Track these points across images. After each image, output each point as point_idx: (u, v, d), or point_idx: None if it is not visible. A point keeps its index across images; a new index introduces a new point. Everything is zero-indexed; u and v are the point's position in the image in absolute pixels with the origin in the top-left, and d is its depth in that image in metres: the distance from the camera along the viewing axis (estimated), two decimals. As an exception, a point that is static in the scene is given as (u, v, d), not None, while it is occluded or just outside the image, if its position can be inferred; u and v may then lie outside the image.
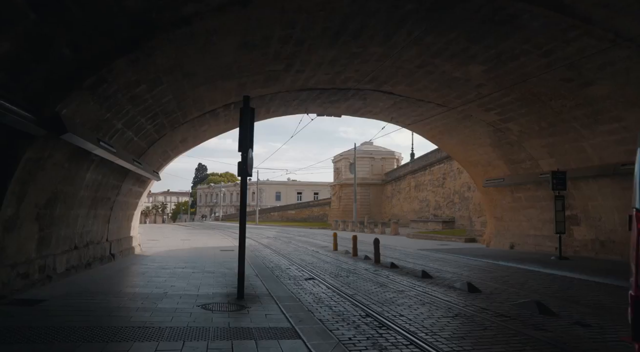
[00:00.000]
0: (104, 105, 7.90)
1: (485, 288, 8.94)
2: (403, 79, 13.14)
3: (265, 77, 11.84)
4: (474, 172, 19.94)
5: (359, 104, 16.48)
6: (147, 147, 12.78)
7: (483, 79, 12.19)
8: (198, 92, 11.04)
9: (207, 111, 13.25)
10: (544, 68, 10.65)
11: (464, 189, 33.80)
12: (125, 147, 10.91)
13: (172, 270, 11.18)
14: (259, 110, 16.19)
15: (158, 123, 11.56)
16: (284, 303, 7.21)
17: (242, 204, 7.91)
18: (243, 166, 7.90)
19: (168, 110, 11.02)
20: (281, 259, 14.92)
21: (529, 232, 17.41)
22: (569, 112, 12.46)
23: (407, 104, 15.82)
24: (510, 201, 18.22)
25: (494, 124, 15.41)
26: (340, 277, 10.72)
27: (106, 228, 12.25)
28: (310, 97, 15.22)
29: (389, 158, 54.59)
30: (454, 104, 14.67)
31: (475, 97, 13.49)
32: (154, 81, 8.70)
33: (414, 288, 8.98)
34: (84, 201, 9.88)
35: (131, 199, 14.68)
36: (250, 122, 8.05)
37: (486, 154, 17.78)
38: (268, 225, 58.34)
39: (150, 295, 7.61)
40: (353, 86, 14.08)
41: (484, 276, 11.03)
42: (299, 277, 10.64)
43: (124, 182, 12.68)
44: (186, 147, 16.88)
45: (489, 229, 20.43)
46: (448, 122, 16.89)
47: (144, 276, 10.01)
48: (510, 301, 7.64)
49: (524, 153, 15.93)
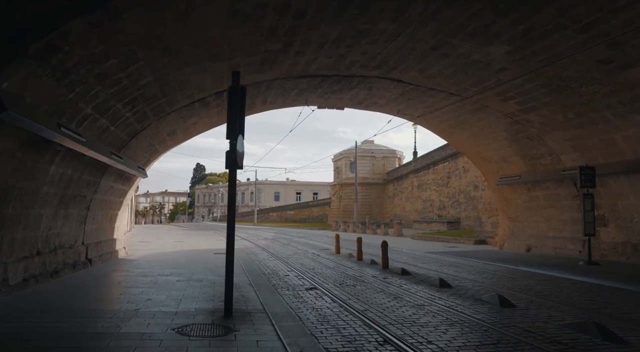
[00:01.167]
0: (62, 82, 6.53)
1: (518, 301, 7.58)
2: (414, 64, 11.78)
3: (261, 59, 10.48)
4: (486, 169, 18.59)
5: (364, 94, 15.12)
6: (128, 139, 11.40)
7: (506, 62, 10.83)
8: (184, 75, 9.66)
9: (196, 100, 11.88)
10: (579, 47, 9.30)
11: (470, 188, 32.47)
12: (100, 138, 9.54)
13: (154, 278, 9.81)
14: (255, 101, 14.87)
15: (139, 111, 10.19)
16: (281, 323, 5.86)
17: (230, 202, 6.55)
18: (232, 156, 6.55)
19: (149, 95, 9.65)
20: (279, 264, 13.55)
21: (548, 234, 16.06)
22: (602, 100, 11.11)
23: (416, 94, 14.46)
24: (527, 200, 16.88)
25: (512, 116, 14.06)
26: (346, 286, 9.35)
27: (81, 230, 10.87)
28: (310, 86, 13.86)
29: (391, 157, 53.22)
30: (469, 92, 13.32)
31: (494, 83, 12.13)
32: (127, 57, 7.33)
33: (435, 301, 7.62)
34: (50, 199, 8.50)
35: (113, 197, 13.31)
36: (240, 104, 6.71)
37: (501, 149, 16.43)
38: (266, 225, 56.96)
39: (117, 313, 6.25)
40: (358, 73, 12.72)
41: (510, 284, 9.67)
42: (298, 287, 9.29)
43: (102, 178, 11.31)
44: (176, 142, 15.50)
45: (502, 230, 19.08)
46: (460, 114, 15.53)
47: (118, 286, 8.63)
48: (557, 320, 6.28)
49: (544, 148, 14.58)
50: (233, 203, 6.55)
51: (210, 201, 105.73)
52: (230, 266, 6.39)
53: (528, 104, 12.86)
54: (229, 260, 6.38)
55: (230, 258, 6.38)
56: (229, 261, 6.37)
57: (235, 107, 6.62)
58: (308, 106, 16.60)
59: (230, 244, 6.49)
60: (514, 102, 13.11)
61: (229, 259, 6.37)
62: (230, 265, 6.36)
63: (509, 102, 13.21)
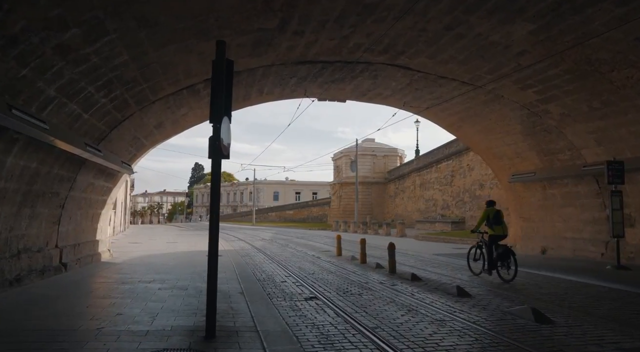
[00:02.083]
0: (9, 52, 5.39)
1: (554, 315, 6.44)
2: (425, 47, 10.65)
3: (255, 39, 9.35)
4: (497, 166, 17.46)
5: (368, 84, 13.99)
6: (108, 130, 10.27)
7: (528, 44, 9.70)
8: (166, 55, 8.52)
9: (183, 87, 10.75)
10: (616, 22, 8.17)
11: (475, 187, 31.38)
12: (71, 127, 8.41)
13: (134, 285, 8.68)
14: (250, 92, 13.75)
15: (117, 97, 9.05)
16: (275, 347, 4.74)
17: (213, 197, 5.42)
18: (215, 143, 5.42)
19: (127, 78, 8.52)
20: (276, 268, 12.41)
21: (565, 235, 14.93)
22: (635, 86, 9.99)
23: (425, 83, 13.33)
24: (542, 199, 15.75)
25: (530, 106, 12.93)
26: (350, 295, 8.22)
27: (54, 231, 9.73)
28: (310, 74, 12.73)
29: (392, 155, 52.09)
30: (483, 80, 12.18)
31: (512, 69, 11.00)
32: (93, 27, 6.19)
33: (456, 315, 6.49)
34: (9, 196, 7.36)
35: (95, 195, 12.17)
36: (226, 79, 5.58)
37: (514, 143, 15.30)
38: (265, 226, 55.82)
39: (74, 333, 5.11)
40: (363, 58, 11.59)
41: (536, 293, 8.54)
42: (297, 296, 8.15)
43: (79, 173, 10.17)
44: (164, 135, 14.35)
45: (513, 230, 17.91)
46: (471, 105, 14.41)
47: (87, 297, 7.49)
48: (611, 342, 5.15)
49: (563, 141, 13.45)
50: (217, 199, 5.42)
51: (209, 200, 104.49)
52: (213, 279, 5.27)
53: (548, 92, 11.73)
54: (212, 272, 5.25)
55: (214, 269, 5.26)
56: (212, 272, 5.25)
57: (219, 84, 5.49)
58: (308, 98, 15.48)
59: (213, 252, 5.36)
60: (532, 90, 11.98)
61: (212, 271, 5.25)
62: (213, 277, 5.23)
63: (527, 91, 12.08)
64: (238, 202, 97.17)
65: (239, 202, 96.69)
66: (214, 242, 5.33)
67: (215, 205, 5.37)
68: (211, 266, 5.26)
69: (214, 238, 5.36)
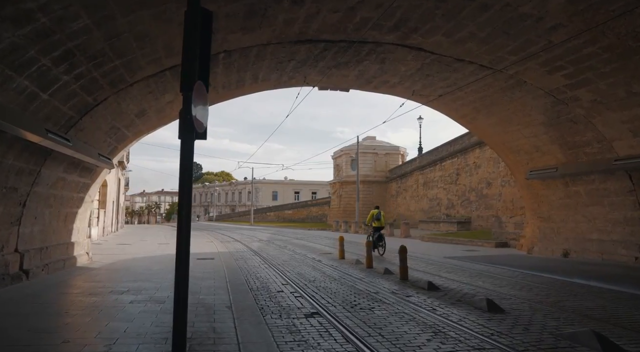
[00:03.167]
0: None
1: (620, 340, 5.09)
2: (442, 23, 9.30)
3: (246, 9, 7.99)
4: (513, 161, 16.10)
5: (374, 70, 12.63)
6: (77, 116, 8.90)
7: (564, 15, 8.35)
8: (140, 23, 7.15)
9: (166, 67, 9.38)
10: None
11: (482, 185, 30.03)
12: (25, 108, 7.04)
13: (102, 297, 7.32)
14: (244, 77, 12.39)
15: (83, 74, 7.68)
16: (263, 398, 3.38)
17: (183, 190, 4.05)
18: (187, 117, 4.06)
19: (93, 50, 7.15)
20: (272, 274, 11.05)
21: (591, 237, 13.59)
22: (687, 65, 8.65)
23: (437, 68, 11.99)
24: (563, 197, 14.41)
25: (556, 93, 11.58)
26: (360, 310, 6.86)
27: (12, 233, 8.35)
28: (310, 57, 11.38)
29: (394, 153, 50.68)
30: (504, 63, 10.83)
31: (541, 48, 9.64)
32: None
33: (495, 340, 5.13)
34: (-58, 190, 6.00)
35: (68, 192, 10.80)
36: (203, 35, 4.23)
37: (535, 136, 13.95)
38: (263, 226, 54.42)
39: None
40: (370, 37, 10.26)
41: (579, 308, 7.17)
42: (295, 311, 6.79)
43: (43, 166, 8.81)
44: (149, 126, 12.95)
45: (530, 231, 16.60)
46: (488, 93, 13.06)
47: (36, 315, 6.08)
48: None
49: (592, 133, 12.10)
50: (188, 191, 4.05)
51: (207, 200, 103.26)
52: (180, 306, 3.88)
53: (580, 75, 10.38)
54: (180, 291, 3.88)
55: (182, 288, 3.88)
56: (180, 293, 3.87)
57: (192, 39, 4.13)
58: (307, 86, 14.11)
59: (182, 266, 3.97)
60: (561, 74, 10.62)
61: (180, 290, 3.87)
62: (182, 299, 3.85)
63: (555, 74, 10.72)
64: (236, 201, 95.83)
65: (237, 201, 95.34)
66: (184, 251, 3.94)
67: (186, 198, 4.01)
68: (180, 284, 3.88)
69: (183, 245, 3.97)
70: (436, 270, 11.97)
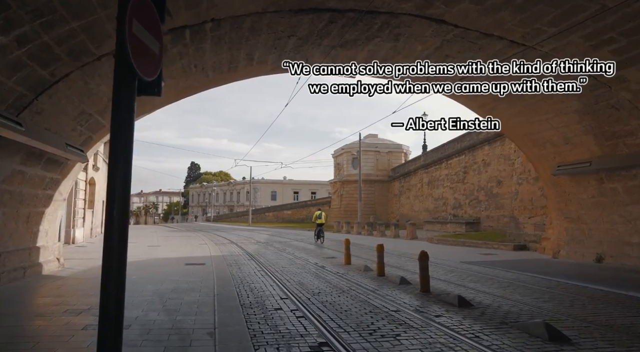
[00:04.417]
0: None
1: None
2: (472, -15, 7.73)
3: (235, -42, 6.41)
4: (537, 155, 14.53)
5: (386, 50, 11.03)
6: (30, 94, 7.30)
7: (628, -31, 6.79)
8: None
9: (141, 38, 7.78)
10: None
11: (492, 184, 28.49)
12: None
13: (50, 320, 5.73)
14: (237, 56, 10.82)
15: (28, 38, 6.08)
16: None
17: (113, 158, 2.48)
18: (123, 56, 2.47)
19: (36, 3, 5.55)
20: (269, 285, 9.44)
21: (631, 240, 12.01)
22: None
23: (459, 46, 10.41)
24: (596, 195, 12.84)
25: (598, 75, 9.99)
26: (381, 338, 5.26)
27: (-53, 237, 6.76)
28: (314, 33, 9.81)
29: (396, 152, 49.11)
30: (541, 37, 9.27)
31: (589, 16, 8.07)
32: None
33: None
34: None
35: (29, 188, 9.20)
36: None
37: (565, 126, 12.37)
38: (262, 226, 52.80)
39: None
40: (384, 6, 8.69)
41: (662, 332, 5.61)
42: (297, 339, 5.20)
43: (-10, 156, 7.21)
44: (129, 114, 11.33)
45: (556, 233, 15.02)
46: (515, 78, 11.47)
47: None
48: None
49: (637, 121, 10.54)
50: (126, 158, 2.48)
51: (205, 200, 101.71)
52: (113, 332, 2.30)
53: (633, 50, 8.82)
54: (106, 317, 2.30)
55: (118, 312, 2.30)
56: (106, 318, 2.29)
57: None
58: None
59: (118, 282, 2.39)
60: (609, 49, 9.04)
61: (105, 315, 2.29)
62: (116, 329, 2.27)
63: (602, 50, 9.14)
64: (235, 201, 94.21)
65: (236, 201, 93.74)
66: (115, 268, 2.35)
67: (122, 173, 2.44)
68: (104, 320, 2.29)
69: (119, 257, 2.39)
70: (459, 279, 10.39)
